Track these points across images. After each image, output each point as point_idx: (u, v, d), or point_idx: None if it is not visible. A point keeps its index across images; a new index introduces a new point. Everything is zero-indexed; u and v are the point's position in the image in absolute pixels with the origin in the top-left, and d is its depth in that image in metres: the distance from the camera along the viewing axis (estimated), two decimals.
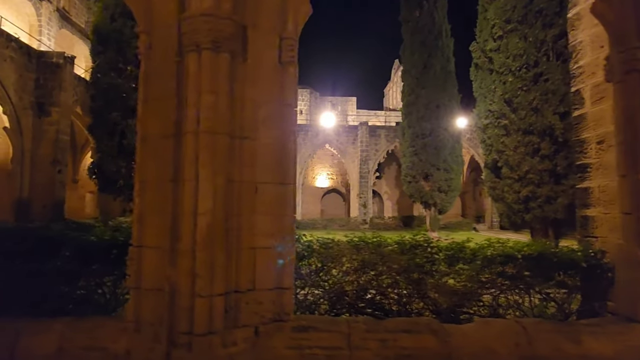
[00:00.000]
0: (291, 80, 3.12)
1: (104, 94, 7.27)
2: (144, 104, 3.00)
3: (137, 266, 2.92)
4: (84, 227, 3.93)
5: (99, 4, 7.56)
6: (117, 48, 7.19)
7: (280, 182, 3.03)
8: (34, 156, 13.55)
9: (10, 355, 2.82)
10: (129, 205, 8.83)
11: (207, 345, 2.65)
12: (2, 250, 3.40)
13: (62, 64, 13.28)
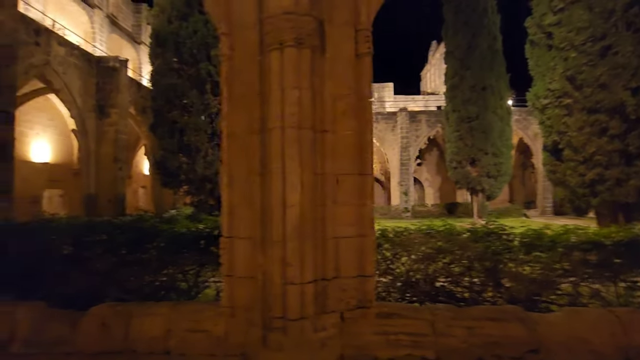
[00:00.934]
0: (367, 72, 3.14)
1: (164, 94, 7.70)
2: (228, 102, 3.16)
3: (229, 255, 3.13)
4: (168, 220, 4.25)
5: (156, 8, 7.95)
6: (174, 49, 7.56)
7: (359, 173, 3.09)
8: (97, 155, 14.71)
9: (126, 334, 3.16)
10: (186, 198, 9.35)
11: (300, 330, 2.81)
12: (105, 242, 3.79)
13: (118, 68, 14.19)
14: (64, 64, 12.41)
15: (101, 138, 14.61)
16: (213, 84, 7.62)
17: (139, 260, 3.76)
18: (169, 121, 7.99)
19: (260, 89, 3.01)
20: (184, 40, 7.46)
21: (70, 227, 4.20)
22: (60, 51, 12.18)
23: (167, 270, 4.01)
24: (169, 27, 7.61)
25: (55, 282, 4.15)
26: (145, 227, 3.89)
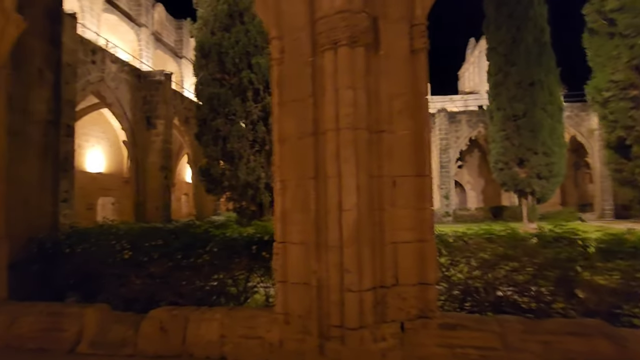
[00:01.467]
0: (423, 68, 2.99)
1: (208, 103, 7.96)
2: (279, 106, 3.14)
3: (282, 261, 3.08)
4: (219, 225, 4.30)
5: (200, 22, 8.28)
6: (218, 60, 7.80)
7: (417, 174, 2.93)
8: (145, 164, 15.53)
9: (183, 338, 3.20)
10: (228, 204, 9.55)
11: (359, 340, 2.68)
12: (161, 247, 3.90)
13: (163, 81, 14.95)
14: (115, 80, 13.28)
15: (148, 148, 15.41)
16: (254, 92, 7.76)
17: (192, 265, 3.82)
18: (212, 129, 8.23)
19: (312, 91, 2.95)
20: (226, 50, 7.68)
21: (127, 232, 4.37)
22: (113, 68, 13.05)
23: (218, 275, 4.05)
24: (213, 39, 7.87)
25: (115, 285, 4.34)
26: (197, 233, 3.96)
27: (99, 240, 4.31)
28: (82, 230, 4.67)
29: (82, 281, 4.49)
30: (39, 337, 3.43)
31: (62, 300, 4.40)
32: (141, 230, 4.28)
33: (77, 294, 4.63)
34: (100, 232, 4.51)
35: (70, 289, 4.69)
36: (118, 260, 4.03)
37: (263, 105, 7.76)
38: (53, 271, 4.58)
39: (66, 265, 4.43)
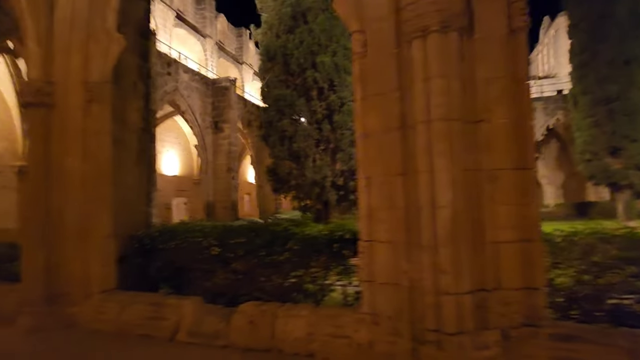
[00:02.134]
0: (522, 49, 2.70)
1: (274, 105, 8.20)
2: (362, 101, 3.05)
3: (368, 260, 3.00)
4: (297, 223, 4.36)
5: (264, 26, 8.55)
6: (283, 62, 7.99)
7: (518, 167, 2.65)
8: (214, 166, 16.56)
9: (272, 333, 3.28)
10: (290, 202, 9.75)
11: (458, 346, 2.50)
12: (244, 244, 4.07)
13: (229, 87, 15.80)
14: (188, 89, 14.34)
15: (217, 151, 16.39)
16: (318, 90, 7.81)
17: (274, 262, 3.91)
18: (279, 130, 8.45)
19: (398, 83, 2.82)
20: (291, 52, 7.83)
21: (212, 230, 4.62)
22: (185, 78, 14.11)
23: (298, 272, 4.10)
24: (277, 42, 8.08)
25: (202, 279, 4.62)
26: (277, 231, 4.05)
27: (188, 238, 4.62)
28: (172, 227, 5.05)
29: (173, 274, 4.86)
30: (144, 325, 3.78)
31: (156, 291, 4.80)
32: (224, 228, 4.50)
33: (168, 286, 5.02)
34: (188, 229, 4.82)
35: (162, 281, 5.10)
36: (206, 257, 4.29)
37: (327, 103, 7.78)
38: (148, 265, 5.02)
39: (160, 260, 4.82)
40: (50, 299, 4.20)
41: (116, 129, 4.70)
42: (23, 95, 4.15)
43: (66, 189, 4.24)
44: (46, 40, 4.24)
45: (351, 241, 3.63)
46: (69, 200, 4.25)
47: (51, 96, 4.23)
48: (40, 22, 4.21)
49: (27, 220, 4.29)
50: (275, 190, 9.24)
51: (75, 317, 4.19)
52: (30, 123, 4.24)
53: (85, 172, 4.25)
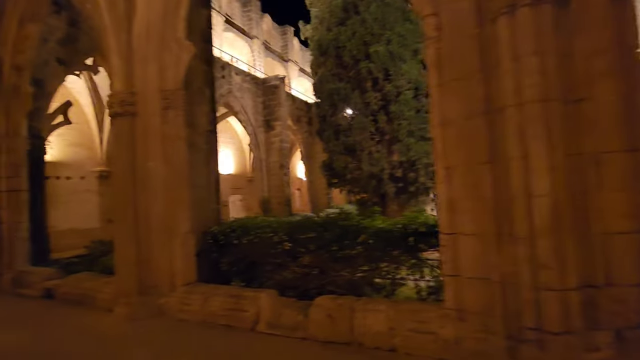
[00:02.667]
0: (629, 15, 2.38)
1: (328, 99, 8.20)
2: (439, 88, 2.91)
3: (452, 254, 2.88)
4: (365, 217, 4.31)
5: (315, 21, 8.57)
6: (335, 55, 7.95)
7: (630, 149, 2.36)
8: (267, 163, 17.05)
9: (350, 327, 3.29)
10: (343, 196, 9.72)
11: (564, 346, 2.30)
12: (316, 239, 4.13)
13: (278, 85, 16.12)
14: (240, 90, 14.87)
15: (269, 148, 16.84)
16: (373, 81, 7.67)
17: (345, 256, 3.92)
18: (333, 124, 8.45)
19: (480, 65, 2.64)
20: (343, 44, 7.76)
21: (280, 225, 4.75)
22: (237, 79, 14.63)
23: (369, 266, 4.07)
24: (329, 35, 8.05)
25: (274, 273, 4.78)
26: (347, 225, 4.04)
27: (259, 233, 4.79)
28: (242, 223, 5.27)
29: (244, 269, 5.08)
30: (226, 315, 3.99)
31: (228, 284, 5.05)
32: (292, 224, 4.60)
33: (239, 280, 5.25)
34: (257, 225, 5.00)
35: (234, 275, 5.35)
36: (277, 251, 4.42)
37: (383, 94, 7.61)
38: (221, 259, 5.29)
39: (232, 255, 5.06)
40: (141, 291, 4.60)
41: (188, 133, 4.99)
42: (111, 106, 4.56)
43: (150, 191, 4.60)
44: (127, 54, 4.60)
45: (428, 235, 3.52)
46: (153, 200, 4.61)
47: (134, 105, 4.59)
48: (121, 38, 4.57)
49: (119, 220, 4.72)
50: (330, 184, 9.28)
51: (163, 308, 4.55)
52: (117, 132, 4.65)
53: (166, 174, 4.57)
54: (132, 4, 4.53)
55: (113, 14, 4.55)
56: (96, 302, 5.21)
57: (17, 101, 6.88)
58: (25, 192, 7.04)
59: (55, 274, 6.31)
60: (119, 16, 4.54)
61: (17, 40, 6.64)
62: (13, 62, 6.76)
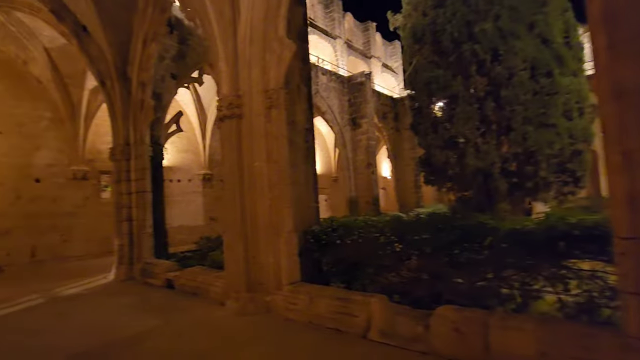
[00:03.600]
0: None
1: (424, 90, 7.58)
2: (609, 50, 2.26)
3: (635, 264, 2.19)
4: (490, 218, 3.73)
5: (407, 7, 8.05)
6: (432, 41, 7.32)
7: None
8: (354, 162, 16.87)
9: (485, 345, 2.80)
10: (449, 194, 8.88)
11: None
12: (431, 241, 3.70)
13: (365, 82, 15.81)
14: (327, 90, 14.98)
15: (355, 147, 16.63)
16: (478, 64, 6.82)
17: (468, 261, 3.40)
18: (431, 116, 7.80)
19: None
20: (442, 27, 7.09)
21: (386, 225, 4.41)
22: (324, 79, 14.77)
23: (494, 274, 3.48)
24: (425, 20, 7.44)
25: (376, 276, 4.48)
26: (469, 225, 3.52)
27: (362, 233, 4.54)
28: (342, 223, 5.09)
29: (346, 269, 4.87)
30: (334, 319, 3.82)
31: (327, 284, 4.89)
32: (403, 223, 4.22)
33: (338, 281, 5.06)
34: (359, 225, 4.75)
35: (333, 275, 5.18)
36: (386, 253, 4.10)
37: (491, 78, 6.71)
38: (321, 259, 5.17)
39: (333, 255, 4.90)
40: (250, 287, 4.73)
41: (288, 131, 4.99)
42: (220, 109, 4.79)
43: (256, 190, 4.70)
44: (233, 59, 4.79)
45: (583, 238, 2.82)
46: (259, 199, 4.70)
47: (240, 108, 4.75)
48: (227, 45, 4.77)
49: (228, 218, 4.94)
50: (428, 182, 8.58)
51: (270, 305, 4.60)
52: (224, 134, 4.87)
53: (270, 173, 4.62)
54: (236, 10, 4.69)
55: (221, 23, 4.77)
56: (209, 295, 5.57)
57: (142, 113, 7.85)
58: (149, 193, 8.00)
59: (173, 267, 7.01)
60: (226, 24, 4.74)
61: (141, 59, 7.56)
62: (139, 79, 7.72)
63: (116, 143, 8.03)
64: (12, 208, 10.09)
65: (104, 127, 12.11)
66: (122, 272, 7.71)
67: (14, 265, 9.96)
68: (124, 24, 7.45)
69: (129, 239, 7.86)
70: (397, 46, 30.35)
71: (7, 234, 9.97)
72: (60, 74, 10.58)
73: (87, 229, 11.49)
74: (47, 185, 10.82)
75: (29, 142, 10.52)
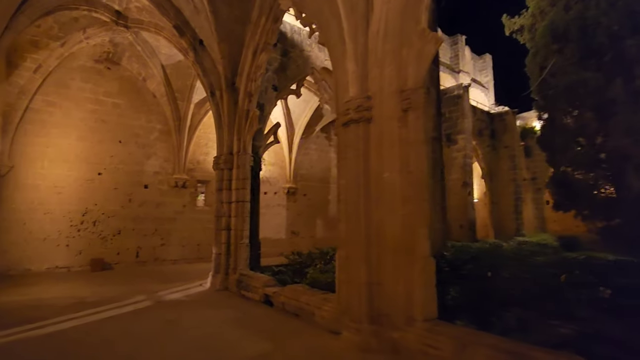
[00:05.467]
0: None
1: (566, 95, 6.34)
2: None
3: None
4: None
5: (542, 3, 6.97)
6: (578, 39, 6.13)
7: None
8: (447, 181, 15.46)
9: None
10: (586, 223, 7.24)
11: None
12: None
13: (462, 94, 14.57)
14: None
15: (450, 165, 15.24)
16: None
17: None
18: (570, 129, 6.49)
19: None
20: (594, 21, 5.88)
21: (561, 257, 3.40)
22: None
23: None
24: (568, 15, 6.30)
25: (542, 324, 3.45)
26: None
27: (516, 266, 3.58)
28: (483, 250, 4.16)
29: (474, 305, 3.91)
30: None
31: (452, 322, 3.95)
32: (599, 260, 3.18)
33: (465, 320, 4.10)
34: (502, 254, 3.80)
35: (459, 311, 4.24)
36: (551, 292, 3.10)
37: None
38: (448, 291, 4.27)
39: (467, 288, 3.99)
40: (371, 318, 4.02)
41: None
42: (346, 113, 4.31)
43: (385, 205, 4.05)
44: (363, 57, 4.30)
45: None
46: (387, 216, 4.04)
47: (369, 110, 4.21)
48: (358, 41, 4.31)
49: (347, 235, 4.35)
50: (558, 206, 7.14)
51: (398, 344, 3.83)
52: (349, 141, 4.35)
53: (403, 185, 3.95)
54: (370, 3, 4.23)
55: (352, 18, 4.35)
56: (314, 318, 5.00)
57: (247, 123, 7.86)
58: (248, 203, 7.90)
59: (270, 282, 6.64)
60: (358, 19, 4.30)
61: (250, 69, 7.63)
62: (246, 89, 7.78)
63: (220, 152, 8.15)
64: (123, 210, 10.96)
65: (203, 139, 12.81)
66: (218, 282, 7.62)
67: (122, 264, 10.72)
68: (237, 36, 7.62)
69: (226, 248, 7.79)
70: (488, 60, 28.21)
71: (118, 234, 10.81)
72: (172, 89, 11.45)
73: (183, 235, 12.04)
74: (153, 192, 11.61)
75: (142, 151, 11.46)
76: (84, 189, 10.30)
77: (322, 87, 11.24)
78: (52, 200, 9.79)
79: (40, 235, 9.56)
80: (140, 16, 8.87)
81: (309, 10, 5.72)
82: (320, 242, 15.88)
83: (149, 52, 10.46)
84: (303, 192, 15.81)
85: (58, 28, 8.97)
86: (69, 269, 9.88)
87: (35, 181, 9.57)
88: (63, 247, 9.86)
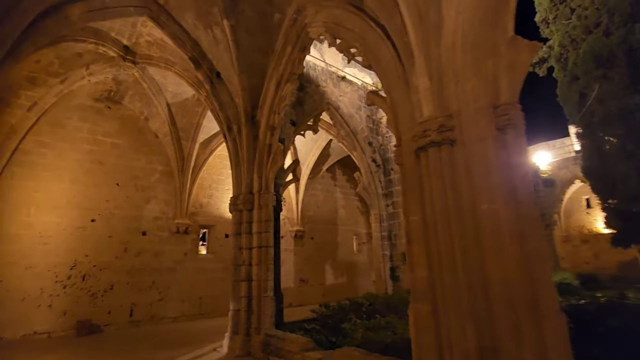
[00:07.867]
0: None
1: (619, 122, 5.93)
2: None
3: None
4: None
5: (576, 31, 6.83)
6: (626, 63, 5.87)
7: None
8: None
9: None
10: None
11: None
12: None
13: None
14: None
15: None
16: None
17: None
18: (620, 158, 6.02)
19: None
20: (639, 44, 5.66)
21: None
22: None
23: None
24: (610, 40, 6.10)
25: None
26: None
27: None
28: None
29: None
30: None
31: None
32: None
33: None
34: None
35: None
36: None
37: None
38: None
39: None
40: None
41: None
42: (425, 135, 3.63)
43: (487, 243, 3.26)
44: (437, 72, 3.74)
45: None
46: (490, 258, 3.23)
47: (452, 131, 3.56)
48: (430, 55, 3.77)
49: (429, 282, 3.48)
50: (619, 242, 6.48)
51: None
52: (431, 168, 3.62)
53: (511, 218, 3.19)
54: (440, 14, 3.75)
55: (420, 30, 3.84)
56: None
57: (269, 159, 7.13)
58: (272, 248, 6.93)
59: (308, 344, 5.51)
60: (429, 30, 3.79)
61: (273, 101, 7.05)
62: (268, 122, 7.15)
63: (238, 191, 7.30)
64: (118, 261, 9.69)
65: (207, 180, 11.93)
66: (238, 345, 6.39)
67: (113, 325, 9.23)
68: (258, 67, 7.13)
69: (247, 303, 6.66)
70: None
71: (110, 290, 9.44)
72: (176, 128, 10.76)
73: (183, 287, 10.70)
74: (152, 239, 10.44)
75: (141, 194, 10.45)
76: (74, 238, 9.09)
77: (337, 122, 10.78)
78: (36, 253, 8.51)
79: (19, 295, 8.15)
80: (150, 51, 8.38)
81: (348, 34, 5.28)
82: (331, 290, 14.58)
83: (155, 89, 9.89)
84: (310, 235, 14.79)
85: (59, 64, 8.34)
86: (50, 334, 8.36)
87: (18, 230, 8.35)
88: (45, 307, 8.42)
